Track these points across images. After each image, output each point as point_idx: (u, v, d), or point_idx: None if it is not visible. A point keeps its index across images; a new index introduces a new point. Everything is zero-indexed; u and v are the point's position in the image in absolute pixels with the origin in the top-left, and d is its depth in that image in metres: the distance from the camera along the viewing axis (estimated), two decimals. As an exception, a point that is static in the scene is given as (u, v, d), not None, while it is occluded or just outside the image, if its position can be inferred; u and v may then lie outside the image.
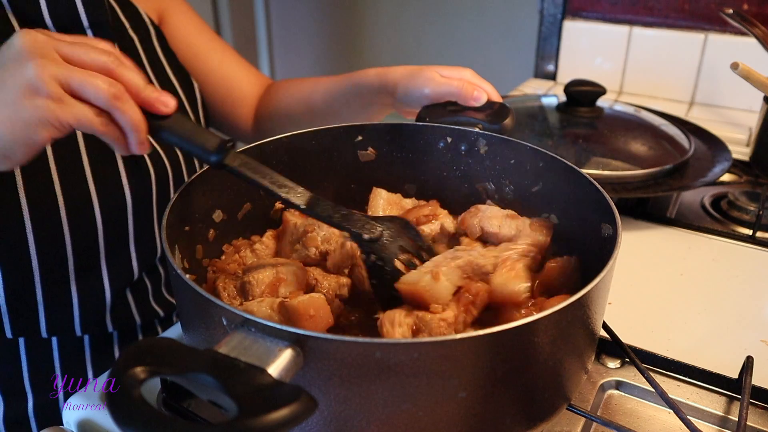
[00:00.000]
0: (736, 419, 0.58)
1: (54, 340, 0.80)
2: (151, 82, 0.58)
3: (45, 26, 0.73)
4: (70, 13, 0.74)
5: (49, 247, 0.73)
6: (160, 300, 0.90)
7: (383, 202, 0.73)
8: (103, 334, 0.83)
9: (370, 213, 0.72)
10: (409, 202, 0.75)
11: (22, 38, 0.51)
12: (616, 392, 0.64)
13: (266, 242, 0.68)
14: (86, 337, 0.82)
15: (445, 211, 0.73)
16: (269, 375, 0.38)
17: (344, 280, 0.62)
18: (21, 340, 0.78)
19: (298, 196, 0.58)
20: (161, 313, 0.90)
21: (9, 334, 0.76)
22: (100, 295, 0.79)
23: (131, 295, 0.84)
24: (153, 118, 0.54)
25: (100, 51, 0.52)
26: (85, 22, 0.76)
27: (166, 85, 0.88)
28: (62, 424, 0.61)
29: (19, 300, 0.74)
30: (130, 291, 0.84)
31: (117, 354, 0.85)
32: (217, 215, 0.68)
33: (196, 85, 0.96)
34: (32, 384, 0.81)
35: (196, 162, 0.91)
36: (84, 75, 0.50)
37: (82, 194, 0.74)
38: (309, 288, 0.61)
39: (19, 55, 0.50)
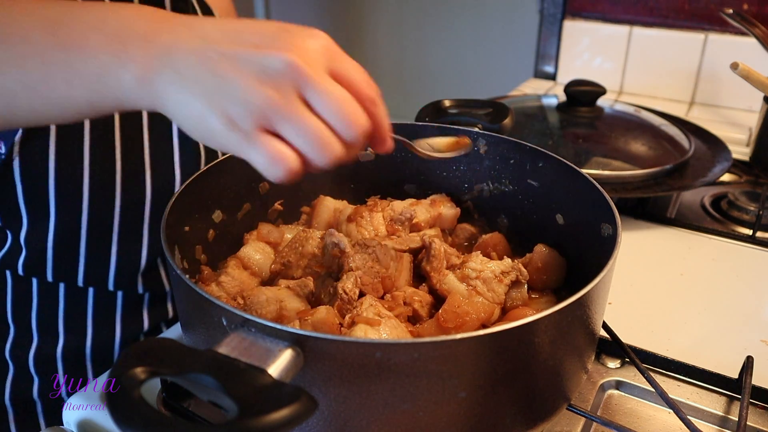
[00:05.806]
0: (736, 419, 0.58)
1: (90, 291, 0.83)
2: None
3: None
4: None
5: (101, 205, 0.77)
6: None
7: (329, 210, 0.74)
8: (133, 292, 0.86)
9: (315, 222, 0.73)
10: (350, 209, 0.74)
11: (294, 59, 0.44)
12: (616, 392, 0.64)
13: (232, 273, 0.65)
14: (119, 294, 0.85)
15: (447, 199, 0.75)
16: (269, 375, 0.38)
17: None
18: (61, 286, 0.82)
19: None
20: None
21: (50, 278, 0.80)
22: (137, 257, 0.83)
23: (161, 263, 0.88)
24: None
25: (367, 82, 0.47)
26: None
27: None
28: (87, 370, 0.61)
29: (64, 247, 0.78)
30: (160, 259, 0.88)
31: (146, 316, 0.88)
32: (217, 215, 0.68)
33: None
34: (65, 327, 0.84)
35: None
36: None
37: (137, 163, 0.78)
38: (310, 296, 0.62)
39: (281, 75, 0.43)
